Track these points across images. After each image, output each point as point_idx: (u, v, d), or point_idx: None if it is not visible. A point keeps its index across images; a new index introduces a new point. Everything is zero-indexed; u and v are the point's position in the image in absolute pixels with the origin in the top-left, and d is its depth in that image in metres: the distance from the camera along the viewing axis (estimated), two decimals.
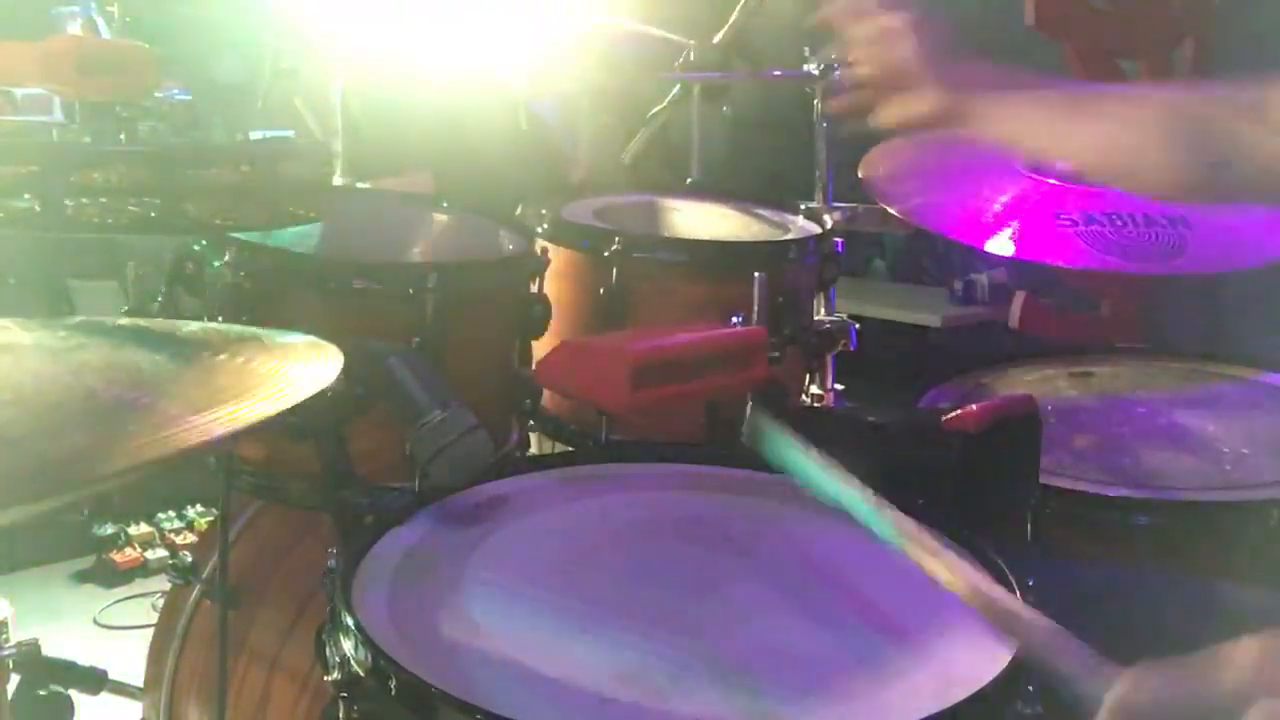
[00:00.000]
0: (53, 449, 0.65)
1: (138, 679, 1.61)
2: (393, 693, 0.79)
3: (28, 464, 0.62)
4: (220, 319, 1.33)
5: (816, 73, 1.94)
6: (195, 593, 1.53)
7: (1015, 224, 1.58)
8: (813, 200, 1.93)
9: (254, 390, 0.75)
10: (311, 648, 0.89)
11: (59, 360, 0.79)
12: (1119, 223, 1.57)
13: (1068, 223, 1.56)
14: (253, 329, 0.96)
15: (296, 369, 0.83)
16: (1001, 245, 1.56)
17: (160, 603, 1.76)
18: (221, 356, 0.84)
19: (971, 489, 1.14)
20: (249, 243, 1.34)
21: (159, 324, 0.94)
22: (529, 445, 1.59)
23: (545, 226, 1.59)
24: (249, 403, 0.71)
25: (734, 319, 1.41)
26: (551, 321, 1.45)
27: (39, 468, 0.62)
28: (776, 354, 1.47)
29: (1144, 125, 1.10)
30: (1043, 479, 1.24)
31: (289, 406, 0.72)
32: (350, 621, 0.84)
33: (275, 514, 1.53)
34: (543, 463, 1.24)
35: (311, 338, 0.95)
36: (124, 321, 0.94)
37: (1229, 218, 1.59)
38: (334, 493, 1.19)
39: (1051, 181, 1.66)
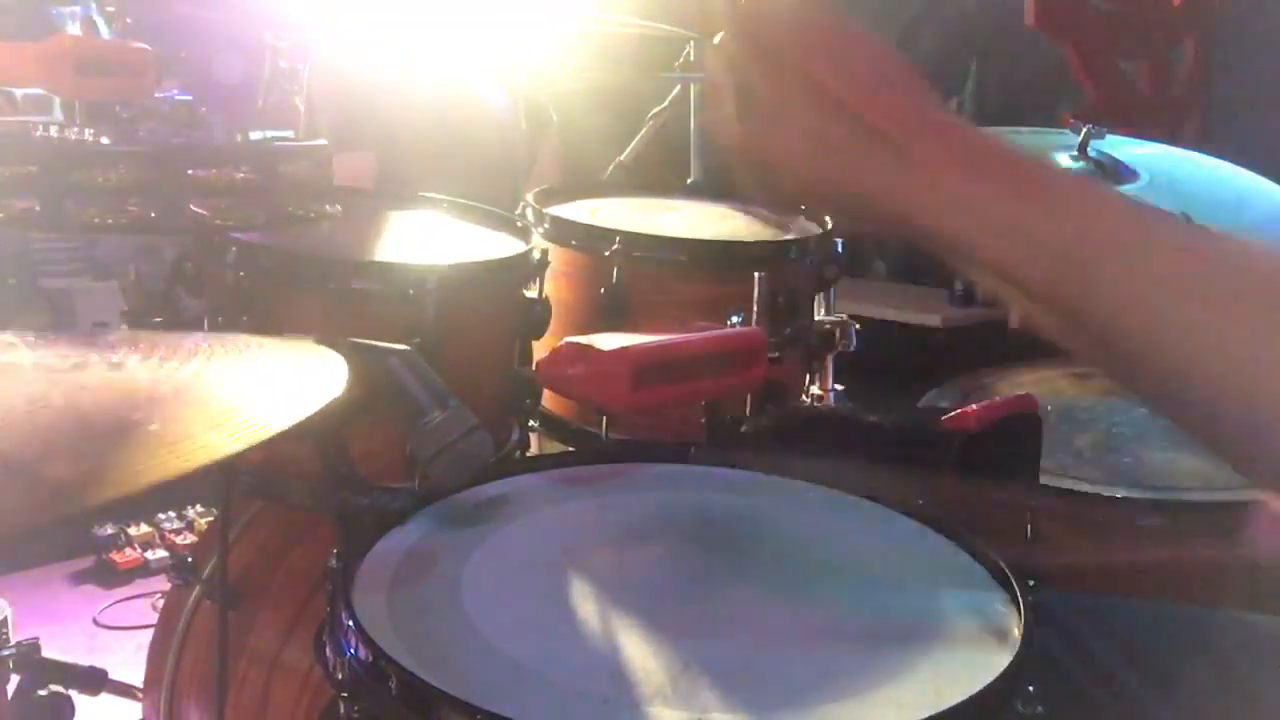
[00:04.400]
0: (43, 475, 0.64)
1: (138, 679, 1.61)
2: (393, 693, 0.79)
3: (16, 491, 0.62)
4: (220, 319, 1.33)
5: None
6: (195, 593, 1.52)
7: None
8: None
9: (255, 407, 0.74)
10: (311, 648, 0.89)
11: (56, 381, 0.79)
12: None
13: None
14: (255, 336, 0.96)
15: (298, 381, 0.82)
16: None
17: (160, 603, 1.76)
18: (223, 370, 0.83)
19: (971, 489, 1.14)
20: (249, 243, 1.34)
21: (161, 335, 0.93)
22: (529, 445, 1.59)
23: (545, 226, 1.59)
24: (249, 423, 0.71)
25: (734, 319, 1.41)
26: (551, 321, 1.45)
27: (26, 496, 0.62)
28: (776, 354, 1.47)
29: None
30: (1043, 479, 1.24)
31: (291, 424, 0.72)
32: (350, 621, 0.84)
33: (275, 514, 1.52)
34: (543, 463, 1.24)
35: (313, 342, 0.95)
36: (125, 333, 0.94)
37: (1231, 216, 1.60)
38: (334, 493, 1.18)
39: None
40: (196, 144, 1.47)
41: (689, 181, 2.20)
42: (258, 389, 0.80)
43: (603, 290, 1.51)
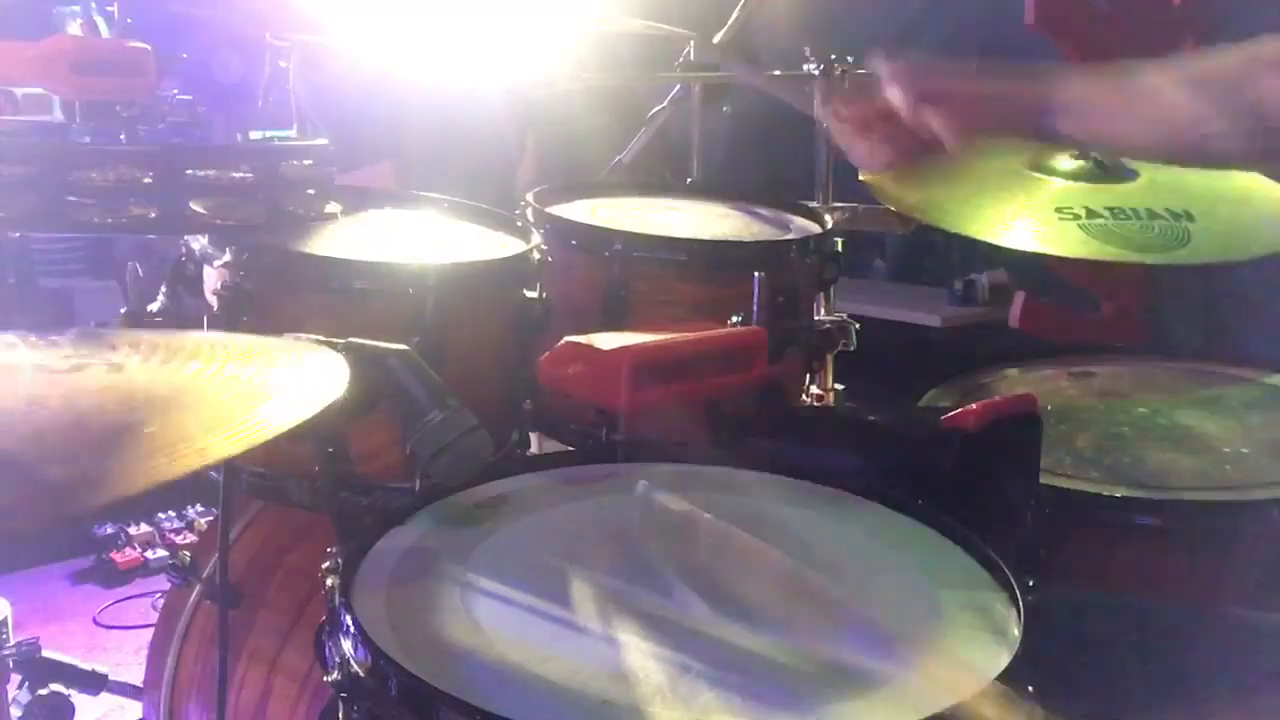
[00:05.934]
0: (41, 477, 0.64)
1: (138, 679, 1.61)
2: (393, 693, 0.79)
3: (14, 493, 0.62)
4: (220, 319, 1.33)
5: (816, 73, 1.94)
6: (195, 593, 1.53)
7: (1017, 217, 1.57)
8: (813, 200, 1.93)
9: (254, 409, 0.74)
10: (311, 648, 0.89)
11: (56, 383, 0.79)
12: (1122, 216, 1.56)
13: (1070, 216, 1.56)
14: (256, 337, 0.96)
15: (298, 383, 0.82)
16: (1003, 238, 1.55)
17: (160, 603, 1.76)
18: (223, 371, 0.83)
19: (971, 489, 1.14)
20: (249, 243, 1.34)
21: (162, 336, 0.93)
22: (529, 445, 1.59)
23: (545, 227, 1.59)
24: (247, 425, 0.71)
25: (734, 319, 1.41)
26: (551, 321, 1.45)
27: (24, 498, 0.62)
28: (776, 354, 1.47)
29: (1195, 94, 1.11)
30: (1043, 479, 1.24)
31: (288, 427, 0.71)
32: (350, 621, 0.84)
33: (275, 514, 1.53)
34: (543, 463, 1.24)
35: (313, 343, 0.94)
36: (127, 334, 0.94)
37: (1232, 210, 1.59)
38: (334, 493, 1.19)
39: (1053, 182, 1.66)
40: (196, 144, 1.47)
41: (689, 181, 2.19)
42: (256, 390, 0.80)
43: (603, 290, 1.51)
